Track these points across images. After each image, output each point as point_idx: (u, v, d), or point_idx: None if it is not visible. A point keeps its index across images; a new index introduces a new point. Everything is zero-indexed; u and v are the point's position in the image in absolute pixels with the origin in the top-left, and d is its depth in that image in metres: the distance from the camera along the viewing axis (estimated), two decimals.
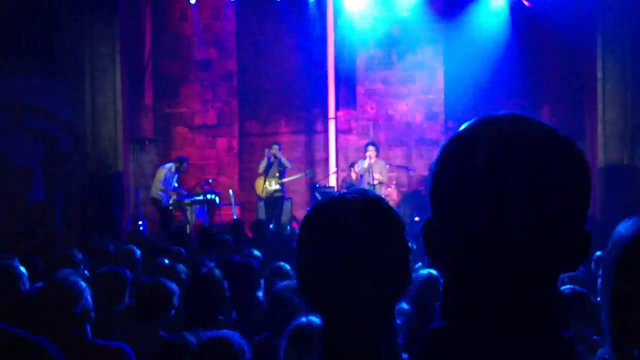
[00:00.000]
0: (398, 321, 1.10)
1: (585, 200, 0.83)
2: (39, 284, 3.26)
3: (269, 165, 10.89)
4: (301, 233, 1.13)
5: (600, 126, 9.83)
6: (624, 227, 1.21)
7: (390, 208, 1.13)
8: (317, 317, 2.66)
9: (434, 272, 3.97)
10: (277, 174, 10.86)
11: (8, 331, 1.03)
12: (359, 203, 1.10)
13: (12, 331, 1.02)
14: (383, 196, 1.36)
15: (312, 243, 1.10)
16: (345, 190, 1.15)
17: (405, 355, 1.13)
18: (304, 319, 2.67)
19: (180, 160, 10.94)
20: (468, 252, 0.83)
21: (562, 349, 0.82)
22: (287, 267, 4.53)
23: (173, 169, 10.82)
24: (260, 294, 4.71)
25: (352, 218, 1.08)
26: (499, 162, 0.80)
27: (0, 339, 1.01)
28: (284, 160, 10.86)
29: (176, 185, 11.00)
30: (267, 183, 10.80)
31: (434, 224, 0.87)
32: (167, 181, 10.73)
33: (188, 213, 11.02)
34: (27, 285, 3.85)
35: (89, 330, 2.77)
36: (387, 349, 1.07)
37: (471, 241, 0.82)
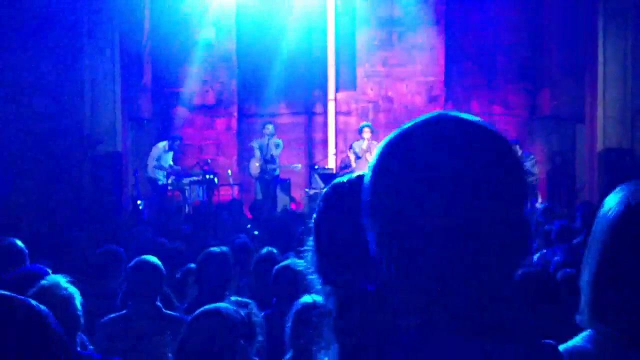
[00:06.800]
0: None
1: (519, 191, 0.83)
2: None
3: (263, 146, 10.90)
4: (321, 210, 1.15)
5: (600, 110, 9.79)
6: (610, 203, 1.17)
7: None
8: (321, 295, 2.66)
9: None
10: (270, 156, 10.83)
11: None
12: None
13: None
14: None
15: (332, 219, 1.12)
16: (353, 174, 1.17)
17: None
18: (309, 299, 2.68)
19: (172, 138, 11.03)
20: (406, 252, 0.81)
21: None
22: (275, 251, 4.54)
23: (166, 147, 10.94)
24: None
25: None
26: (433, 161, 0.81)
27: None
28: (274, 150, 10.75)
29: (171, 163, 11.08)
30: (260, 163, 10.80)
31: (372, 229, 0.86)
32: (160, 159, 10.81)
33: (187, 193, 11.06)
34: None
35: (78, 340, 2.64)
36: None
37: (410, 241, 0.81)
